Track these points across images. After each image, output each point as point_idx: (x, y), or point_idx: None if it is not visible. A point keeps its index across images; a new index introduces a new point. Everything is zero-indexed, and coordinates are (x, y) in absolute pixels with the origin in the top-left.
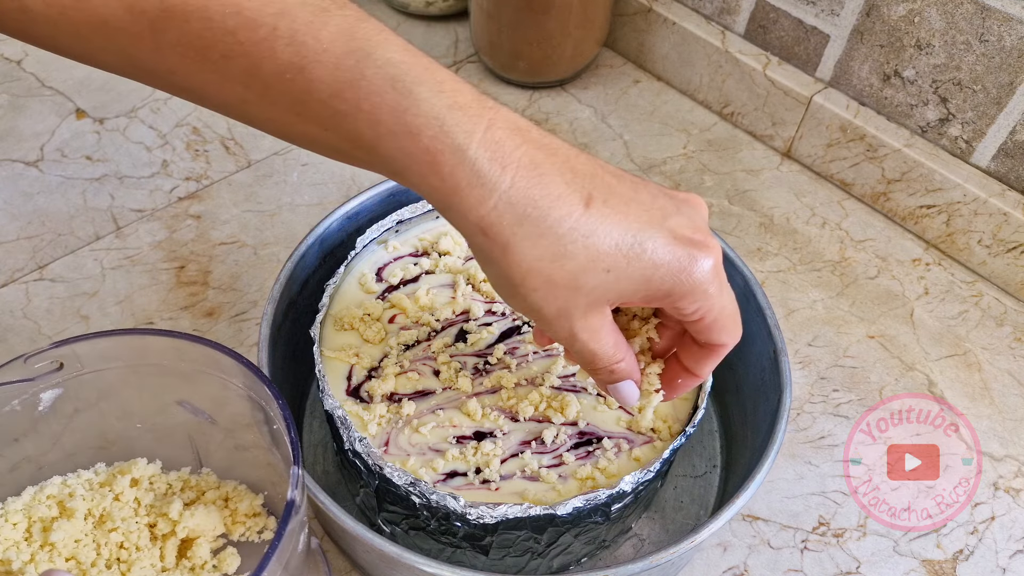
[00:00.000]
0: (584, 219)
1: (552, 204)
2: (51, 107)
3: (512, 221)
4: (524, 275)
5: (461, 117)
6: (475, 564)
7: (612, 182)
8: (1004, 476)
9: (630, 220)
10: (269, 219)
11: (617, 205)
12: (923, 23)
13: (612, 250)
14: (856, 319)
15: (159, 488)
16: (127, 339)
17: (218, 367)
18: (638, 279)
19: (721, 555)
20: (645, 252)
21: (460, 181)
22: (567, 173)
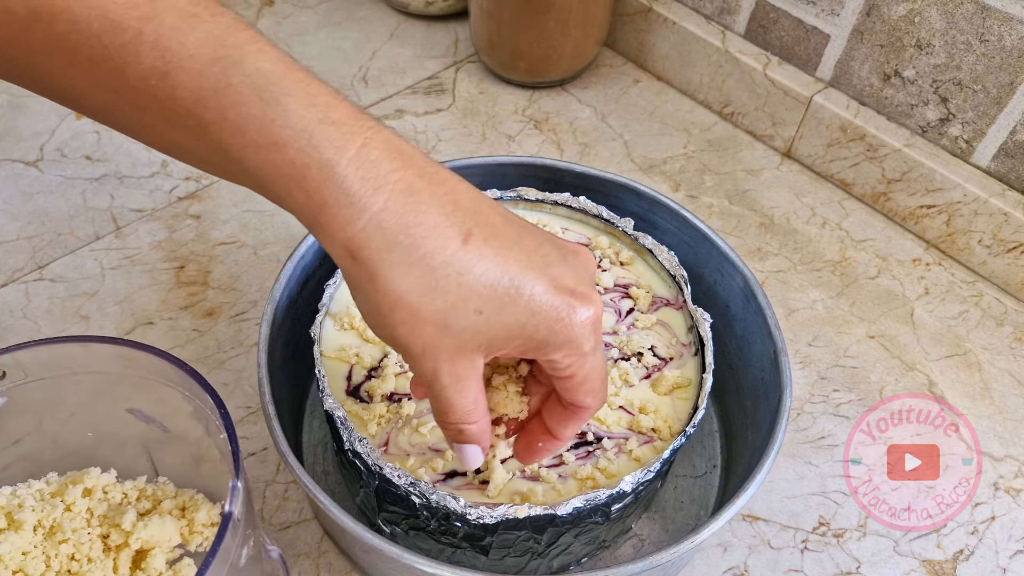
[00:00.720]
0: (460, 255)
1: (426, 234)
2: (51, 107)
3: (382, 246)
4: (392, 306)
5: (333, 132)
6: (475, 564)
7: (497, 222)
8: (1004, 476)
9: (509, 263)
10: (269, 219)
11: (498, 246)
12: (923, 23)
13: (486, 291)
14: (856, 319)
15: (113, 498)
16: (70, 347)
17: (163, 375)
18: (512, 325)
19: (721, 555)
20: (522, 297)
21: (327, 198)
22: (448, 205)
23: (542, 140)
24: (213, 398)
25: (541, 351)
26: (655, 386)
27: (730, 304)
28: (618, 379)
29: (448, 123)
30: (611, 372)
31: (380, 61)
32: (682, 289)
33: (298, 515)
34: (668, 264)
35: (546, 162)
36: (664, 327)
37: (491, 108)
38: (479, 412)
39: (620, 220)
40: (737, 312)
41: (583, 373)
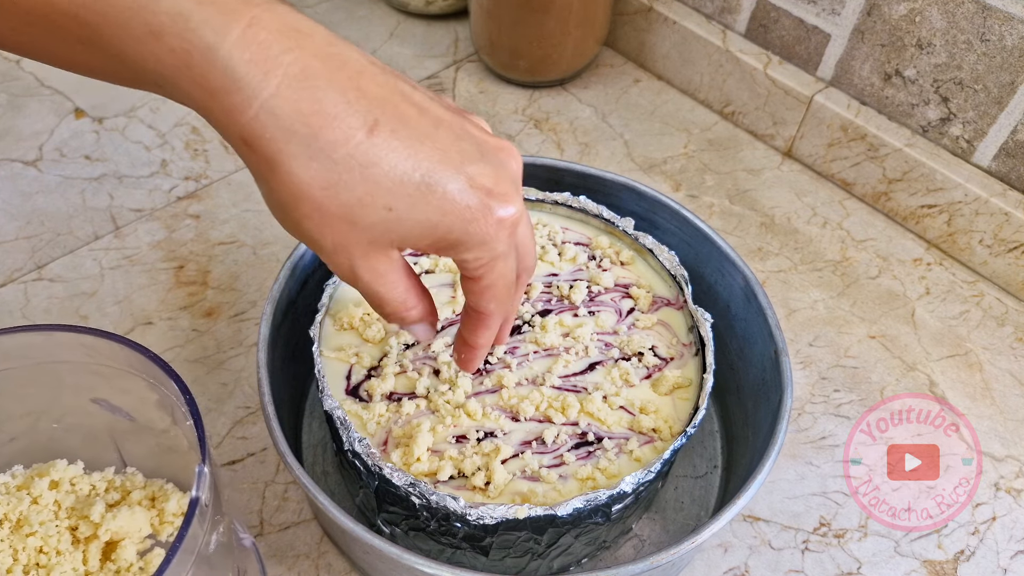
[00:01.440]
0: (365, 147)
1: (325, 123)
2: (50, 106)
3: (277, 136)
4: (295, 199)
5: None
6: (475, 565)
7: (409, 112)
8: (1005, 476)
9: (420, 157)
10: (268, 219)
11: (408, 138)
12: (924, 22)
13: (395, 186)
14: (857, 319)
15: (81, 490)
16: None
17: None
18: (424, 223)
19: (722, 556)
20: (434, 194)
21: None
22: (351, 92)
23: (542, 140)
24: (178, 384)
25: (453, 250)
26: (656, 386)
27: (731, 304)
28: (619, 379)
29: None
30: (611, 372)
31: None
32: (683, 289)
33: (298, 515)
34: (669, 264)
35: (546, 162)
36: (665, 327)
37: (491, 108)
38: (412, 299)
39: (620, 220)
40: (738, 312)
41: (491, 278)
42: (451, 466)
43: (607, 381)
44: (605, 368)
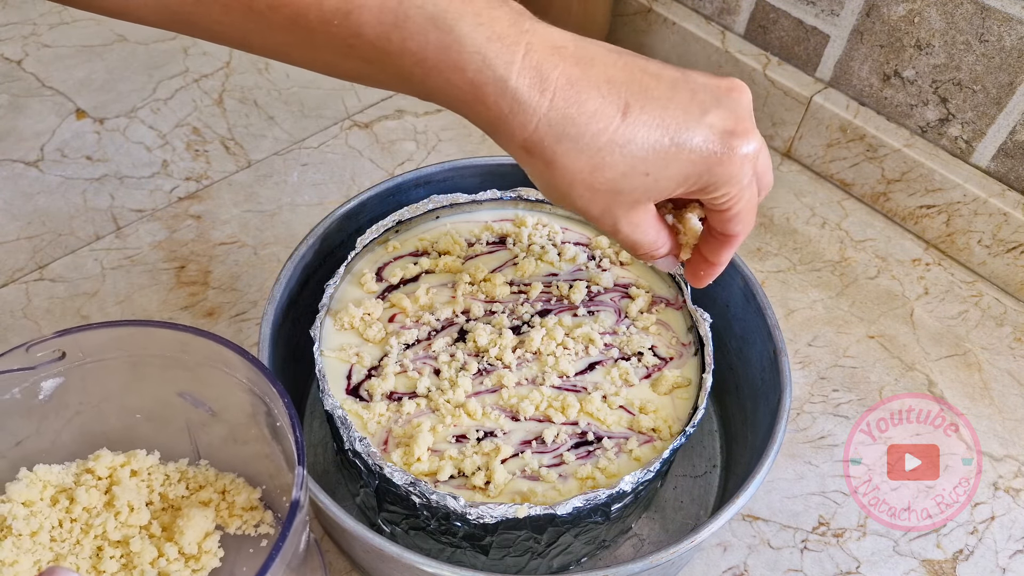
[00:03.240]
0: (621, 130)
1: (589, 120)
2: (51, 107)
3: (553, 141)
4: (569, 186)
5: (500, 48)
6: (475, 564)
7: (650, 84)
8: (1004, 476)
9: (667, 123)
10: (269, 219)
11: (654, 110)
12: (923, 23)
13: (650, 155)
14: (856, 319)
15: (156, 479)
16: (131, 331)
17: (222, 361)
18: (676, 178)
19: (721, 555)
20: (683, 151)
21: (503, 109)
22: (603, 86)
23: None
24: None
25: (704, 192)
26: (655, 386)
27: (730, 304)
28: (618, 379)
29: (448, 123)
30: (611, 372)
31: None
32: (682, 289)
33: None
34: None
35: None
36: (664, 327)
37: None
38: (661, 241)
39: None
40: (737, 312)
41: (739, 207)
42: (451, 466)
43: (607, 381)
44: (605, 368)
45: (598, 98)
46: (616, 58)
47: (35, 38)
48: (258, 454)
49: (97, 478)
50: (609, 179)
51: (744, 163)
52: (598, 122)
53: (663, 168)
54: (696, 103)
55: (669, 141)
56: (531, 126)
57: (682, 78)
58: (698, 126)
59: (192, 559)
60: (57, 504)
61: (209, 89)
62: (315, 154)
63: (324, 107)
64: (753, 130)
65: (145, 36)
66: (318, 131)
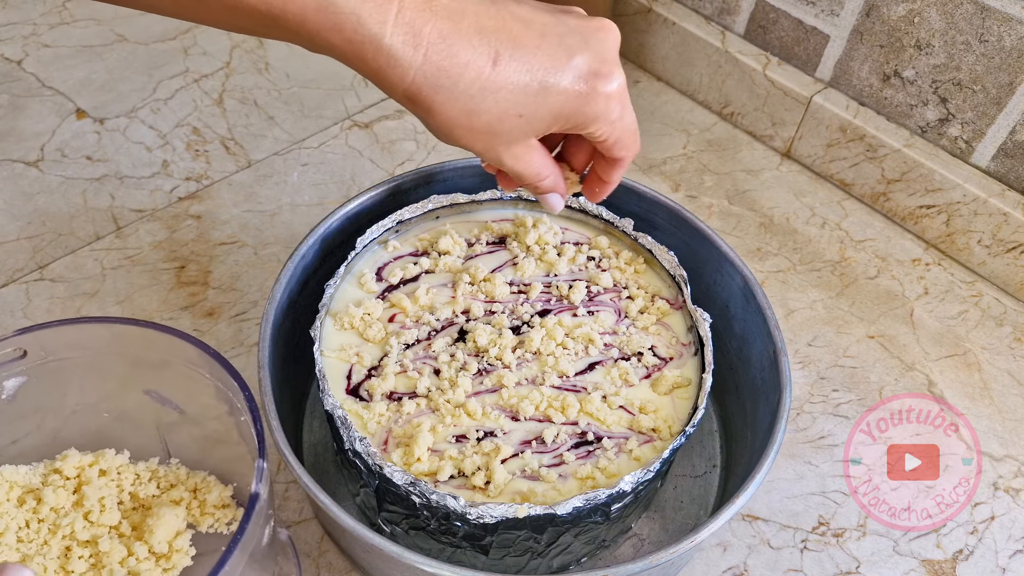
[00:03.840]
0: (492, 77)
1: (462, 71)
2: (51, 107)
3: (430, 91)
4: (449, 128)
5: (373, 8)
6: (475, 564)
7: (520, 32)
8: (1004, 476)
9: (535, 68)
10: (269, 219)
11: (523, 57)
12: (923, 23)
13: (521, 99)
14: (856, 319)
15: (126, 479)
16: (93, 327)
17: (185, 357)
18: (548, 116)
19: (721, 555)
20: (552, 92)
21: (382, 64)
22: (474, 37)
23: None
24: (237, 380)
25: (578, 128)
26: (655, 386)
27: (730, 304)
28: (618, 379)
29: None
30: (611, 372)
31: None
32: (682, 289)
33: (298, 515)
34: (668, 264)
35: None
36: (664, 327)
37: None
38: (545, 171)
39: (620, 220)
40: (737, 312)
41: (615, 136)
42: (451, 466)
43: (607, 381)
44: (605, 368)
45: (469, 49)
46: (488, 7)
47: (35, 38)
48: (229, 451)
49: (65, 478)
50: (485, 123)
51: (609, 100)
52: (470, 72)
53: (535, 110)
54: (563, 47)
55: (538, 85)
56: (408, 79)
57: (552, 22)
58: (565, 69)
59: (163, 558)
60: (24, 505)
61: (209, 89)
62: (315, 154)
63: (324, 107)
64: (616, 68)
65: (145, 36)
66: (318, 131)
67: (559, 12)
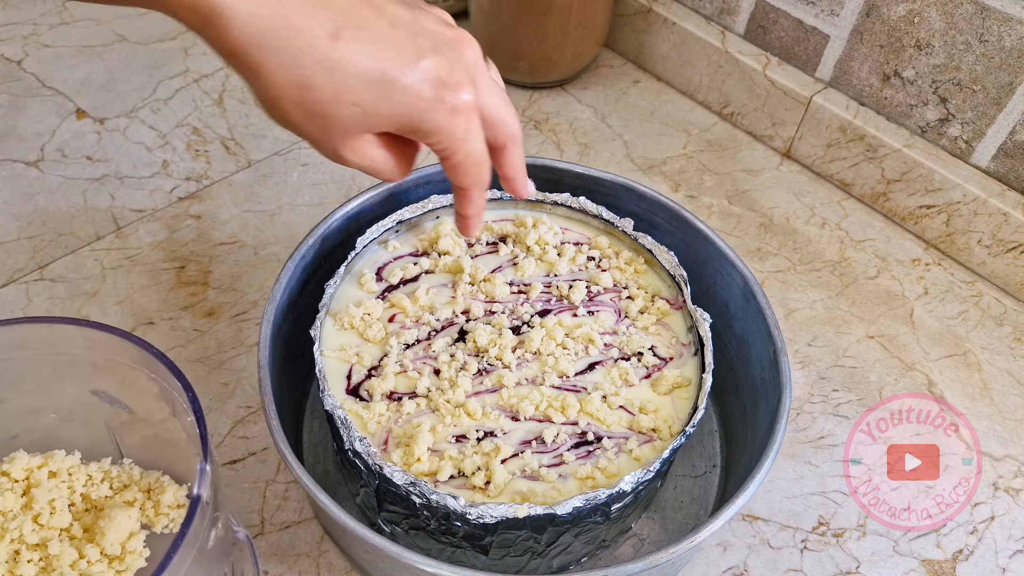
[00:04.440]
0: (329, 52)
1: (294, 35)
2: (51, 107)
3: (254, 49)
4: (277, 100)
5: None
6: (475, 564)
7: (369, 16)
8: (1004, 476)
9: (378, 56)
10: (269, 219)
11: (367, 40)
12: (923, 23)
13: (358, 84)
14: (856, 319)
15: (78, 480)
16: (32, 327)
17: (129, 357)
18: (386, 114)
19: (721, 555)
20: (392, 88)
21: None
22: (316, 6)
23: (542, 140)
24: (180, 380)
25: (417, 135)
26: (655, 386)
27: (730, 304)
28: (618, 379)
29: None
30: (611, 371)
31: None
32: (682, 289)
33: (298, 515)
34: (668, 264)
35: (546, 162)
36: (664, 327)
37: None
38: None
39: (620, 220)
40: (737, 312)
41: (456, 158)
42: (451, 466)
43: (607, 381)
44: (605, 368)
45: (307, 16)
46: None
47: (35, 38)
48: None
49: (13, 480)
50: (316, 101)
51: (454, 114)
52: (304, 39)
53: (372, 101)
54: (413, 46)
55: (380, 75)
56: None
57: (408, 18)
58: (411, 67)
59: (116, 560)
60: None
61: (209, 89)
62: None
63: None
64: (467, 83)
65: (145, 36)
66: None
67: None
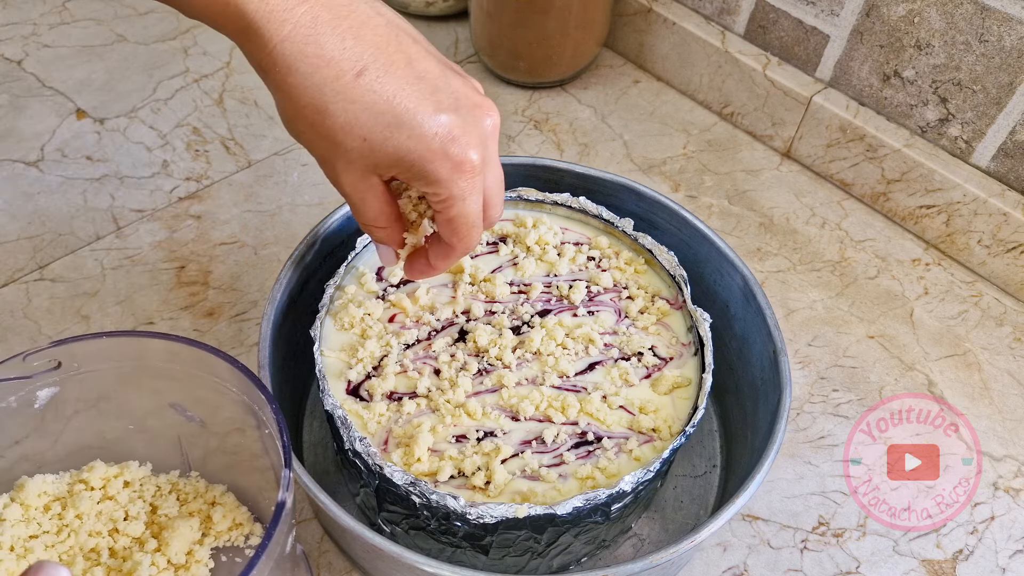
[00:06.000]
0: (351, 87)
1: (322, 64)
2: (51, 107)
3: (283, 70)
4: (294, 117)
5: None
6: (475, 564)
7: (399, 62)
8: (1004, 476)
9: (398, 99)
10: (269, 219)
11: (391, 83)
12: (923, 23)
13: (370, 121)
14: (856, 319)
15: (148, 490)
16: (124, 340)
17: (212, 371)
18: (391, 155)
19: (721, 555)
20: (400, 133)
21: (245, 29)
22: (349, 39)
23: (542, 140)
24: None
25: (419, 181)
26: (655, 386)
27: (730, 304)
28: (618, 379)
29: None
30: (611, 372)
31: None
32: (682, 289)
33: (298, 515)
34: (668, 264)
35: (546, 162)
36: (664, 327)
37: None
38: (383, 221)
39: (620, 220)
40: (737, 312)
41: (450, 214)
42: (451, 466)
43: (607, 381)
44: (605, 368)
45: (338, 48)
46: (381, 23)
47: (35, 38)
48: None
49: (90, 488)
50: (329, 127)
51: (457, 171)
52: (330, 70)
53: (380, 140)
54: (434, 100)
55: (393, 119)
56: (267, 49)
57: (436, 73)
58: (426, 119)
59: (181, 569)
60: (50, 511)
61: (209, 89)
62: None
63: None
64: (477, 146)
65: (145, 36)
66: None
67: (449, 69)
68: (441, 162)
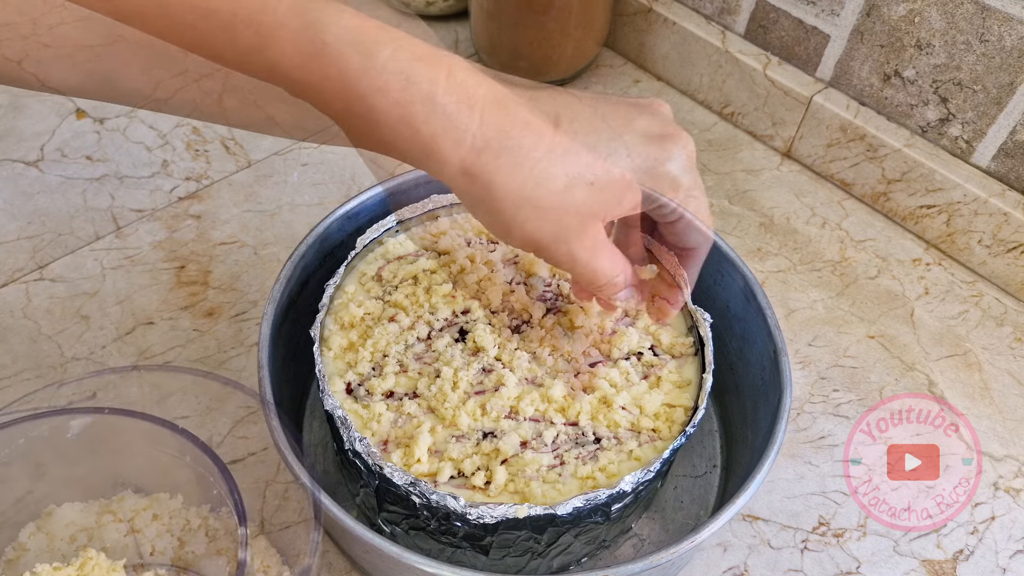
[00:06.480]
0: (557, 139)
1: (523, 132)
2: (51, 107)
3: (490, 157)
4: (515, 207)
5: (423, 68)
6: (475, 564)
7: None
8: (1004, 476)
9: (600, 131)
10: (269, 219)
11: (583, 121)
12: (923, 23)
13: (591, 161)
14: (856, 319)
15: (177, 523)
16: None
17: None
18: (620, 184)
19: (721, 555)
20: (621, 155)
21: (435, 128)
22: (528, 103)
23: None
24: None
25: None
26: (655, 386)
27: (730, 304)
28: (618, 379)
29: None
30: (611, 372)
31: None
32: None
33: (298, 515)
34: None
35: None
36: (664, 327)
37: None
38: (619, 266)
39: None
40: (737, 312)
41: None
42: (451, 467)
43: (607, 381)
44: (605, 368)
45: (527, 110)
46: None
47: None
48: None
49: (119, 520)
50: (555, 193)
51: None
52: (533, 132)
53: (606, 172)
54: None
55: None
56: (466, 143)
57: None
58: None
59: None
60: (75, 542)
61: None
62: (315, 154)
63: None
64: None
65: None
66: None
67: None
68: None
